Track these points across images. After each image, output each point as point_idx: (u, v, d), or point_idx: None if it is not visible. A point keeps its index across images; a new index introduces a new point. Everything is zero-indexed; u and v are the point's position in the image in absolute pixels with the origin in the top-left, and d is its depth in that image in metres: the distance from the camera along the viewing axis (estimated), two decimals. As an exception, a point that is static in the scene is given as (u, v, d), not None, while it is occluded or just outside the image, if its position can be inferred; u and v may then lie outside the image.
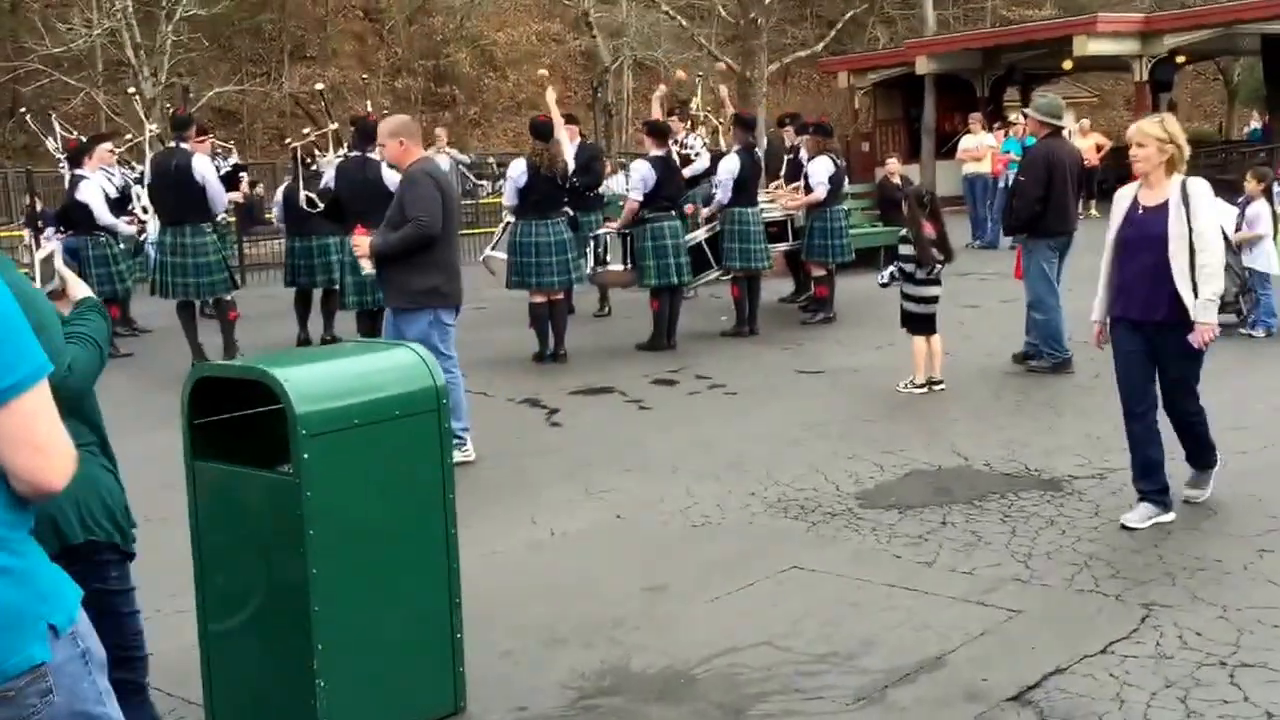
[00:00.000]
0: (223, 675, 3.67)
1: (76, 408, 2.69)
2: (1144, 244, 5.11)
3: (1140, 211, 5.16)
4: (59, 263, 3.17)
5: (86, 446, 2.81)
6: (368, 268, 6.55)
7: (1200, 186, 5.14)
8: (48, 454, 1.88)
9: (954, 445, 6.65)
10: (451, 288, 6.44)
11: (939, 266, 8.04)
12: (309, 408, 3.36)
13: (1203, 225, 5.05)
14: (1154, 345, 5.15)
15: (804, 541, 5.26)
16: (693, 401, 8.27)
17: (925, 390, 7.97)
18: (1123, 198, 5.30)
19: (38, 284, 2.97)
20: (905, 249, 8.04)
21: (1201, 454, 5.37)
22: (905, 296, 8.11)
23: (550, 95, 10.75)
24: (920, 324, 8.05)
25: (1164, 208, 5.09)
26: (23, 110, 17.14)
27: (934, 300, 8.08)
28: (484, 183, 21.19)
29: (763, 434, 7.15)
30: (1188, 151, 5.21)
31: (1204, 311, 5.02)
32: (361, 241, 6.50)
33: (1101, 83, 32.61)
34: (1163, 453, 5.24)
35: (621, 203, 11.04)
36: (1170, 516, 5.19)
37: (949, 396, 7.90)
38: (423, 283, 6.29)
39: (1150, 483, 5.22)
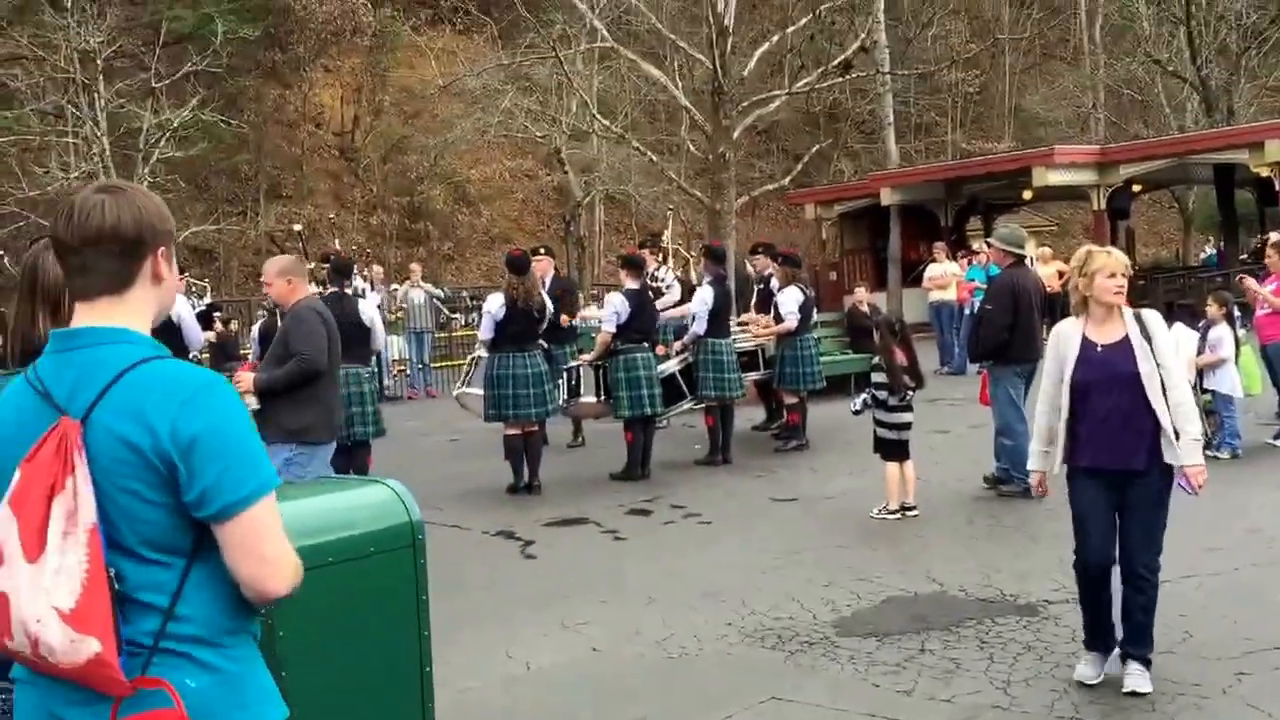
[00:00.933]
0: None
1: None
2: (1112, 385, 4.62)
3: (1098, 350, 4.69)
4: None
5: None
6: (252, 403, 6.64)
7: (1156, 318, 4.79)
8: (274, 564, 2.03)
9: (929, 571, 6.66)
10: (325, 423, 6.56)
11: (911, 393, 8.16)
12: (284, 545, 3.36)
13: (1170, 361, 4.69)
14: (1121, 494, 4.67)
15: (782, 671, 5.22)
16: (667, 531, 8.26)
17: (899, 516, 8.00)
18: (1068, 336, 4.79)
19: None
20: (877, 376, 8.16)
21: (1144, 633, 4.71)
22: (878, 423, 8.19)
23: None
24: (894, 450, 8.12)
25: (1125, 344, 4.67)
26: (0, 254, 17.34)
27: (907, 426, 8.17)
28: (457, 316, 21.40)
29: (738, 563, 7.13)
30: None
31: (1192, 453, 4.58)
32: (245, 377, 6.67)
33: (1061, 211, 33.53)
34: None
35: (594, 335, 11.16)
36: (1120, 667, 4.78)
37: (923, 522, 7.93)
38: (295, 421, 6.40)
39: (1104, 640, 4.84)
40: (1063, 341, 4.80)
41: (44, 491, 1.93)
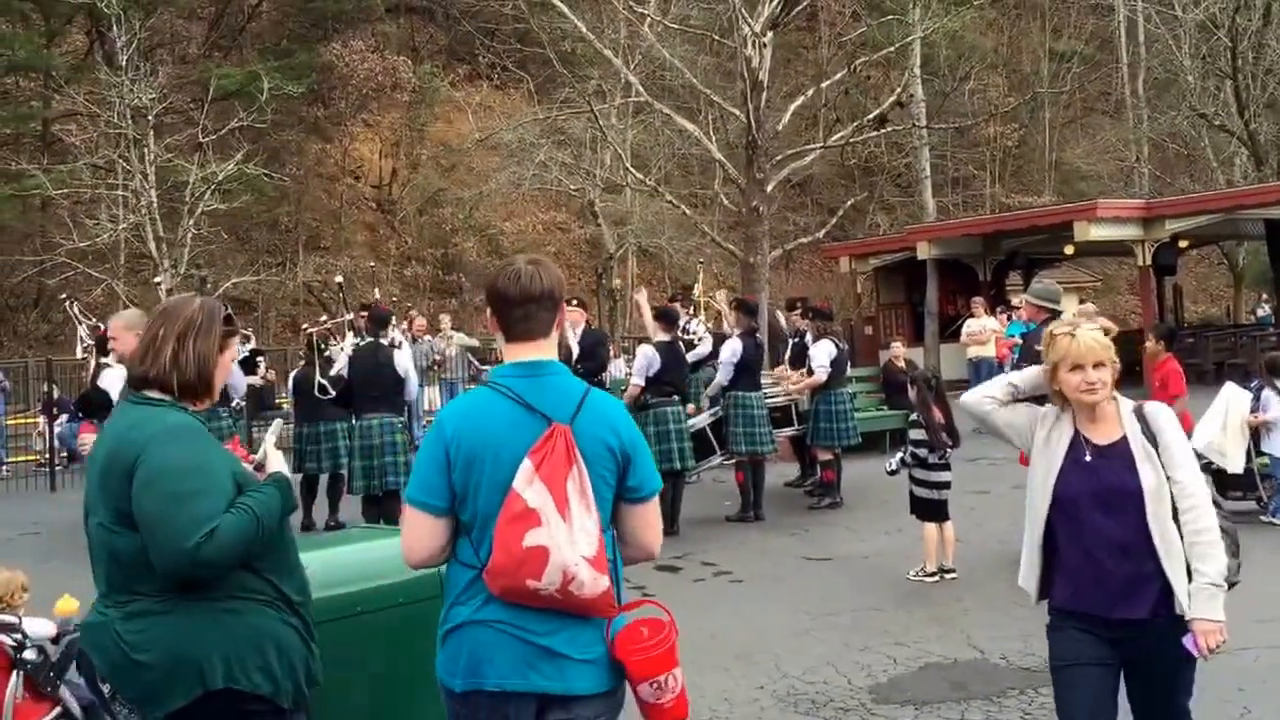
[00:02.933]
0: None
1: (249, 560, 2.89)
2: (1107, 501, 3.42)
3: (1088, 456, 3.48)
4: (270, 440, 3.34)
5: (252, 596, 2.89)
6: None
7: (1163, 413, 3.56)
8: (660, 535, 2.97)
9: (969, 636, 6.45)
10: None
11: (949, 451, 7.96)
12: (314, 595, 3.31)
13: (1185, 474, 3.43)
14: (1126, 653, 3.44)
15: (815, 741, 5.03)
16: (698, 589, 8.08)
17: (937, 578, 7.79)
18: (1052, 428, 3.59)
19: (255, 457, 3.33)
20: (916, 433, 7.97)
21: None
22: (916, 482, 8.00)
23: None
24: (932, 510, 7.92)
25: (1123, 446, 3.47)
26: (63, 297, 17.64)
27: (946, 485, 7.97)
28: (487, 368, 21.38)
29: (771, 623, 6.95)
30: None
31: (1207, 603, 3.30)
32: (88, 439, 6.52)
33: (1105, 267, 33.08)
34: None
35: (624, 389, 11.05)
36: None
37: (962, 585, 7.71)
38: None
39: None
40: (1049, 435, 3.59)
41: (562, 474, 2.71)
